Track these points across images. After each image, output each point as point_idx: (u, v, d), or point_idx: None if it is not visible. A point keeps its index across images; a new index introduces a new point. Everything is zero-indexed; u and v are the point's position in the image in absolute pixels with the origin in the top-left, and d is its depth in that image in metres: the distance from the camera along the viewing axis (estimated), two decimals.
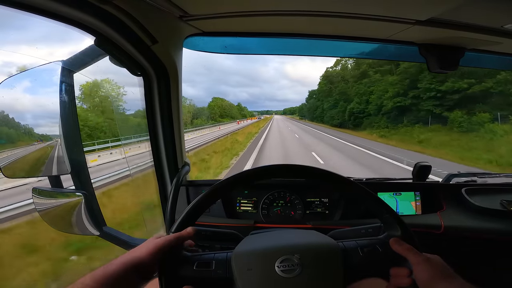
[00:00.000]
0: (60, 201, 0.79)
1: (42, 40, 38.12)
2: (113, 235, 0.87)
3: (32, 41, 31.59)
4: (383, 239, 0.60)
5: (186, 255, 0.56)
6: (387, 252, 0.56)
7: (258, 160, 9.53)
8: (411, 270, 0.52)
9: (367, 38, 0.97)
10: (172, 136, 1.01)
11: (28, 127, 0.78)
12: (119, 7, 0.61)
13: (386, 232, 0.60)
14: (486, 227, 1.02)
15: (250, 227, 1.08)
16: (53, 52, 37.14)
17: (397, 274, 0.54)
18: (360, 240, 0.60)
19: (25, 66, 1.24)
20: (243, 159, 9.97)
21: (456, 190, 1.14)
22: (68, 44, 32.10)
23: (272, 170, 0.59)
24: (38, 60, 0.79)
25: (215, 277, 0.53)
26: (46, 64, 0.75)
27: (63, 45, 36.23)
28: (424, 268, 0.49)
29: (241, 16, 0.80)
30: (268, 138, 18.35)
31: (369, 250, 0.57)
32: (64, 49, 46.08)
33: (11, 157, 0.76)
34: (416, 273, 0.50)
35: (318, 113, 41.34)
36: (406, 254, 0.53)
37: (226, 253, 0.57)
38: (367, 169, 7.78)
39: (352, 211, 1.11)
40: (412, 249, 0.53)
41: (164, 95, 0.93)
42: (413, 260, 0.51)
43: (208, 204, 0.58)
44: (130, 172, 1.81)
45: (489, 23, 0.79)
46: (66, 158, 0.73)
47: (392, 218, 0.58)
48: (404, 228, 0.57)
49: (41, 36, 34.69)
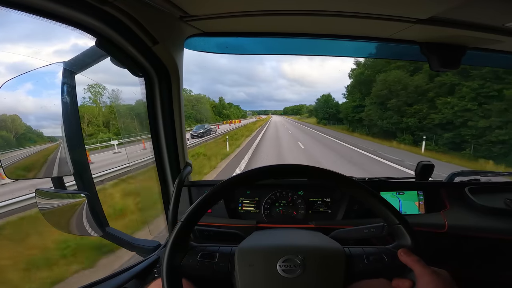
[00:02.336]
0: (63, 202, 0.80)
1: (26, 39, 37.58)
2: (116, 236, 0.87)
3: (15, 39, 30.97)
4: (391, 248, 0.58)
5: (192, 244, 0.57)
6: (393, 262, 0.55)
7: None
8: (414, 282, 0.51)
9: (368, 37, 0.97)
10: (174, 136, 1.01)
11: (39, 130, 0.79)
12: (119, 8, 0.61)
13: (396, 241, 0.58)
14: (490, 226, 1.01)
15: (252, 227, 1.08)
16: (39, 52, 36.82)
17: (397, 285, 0.53)
18: (367, 247, 0.59)
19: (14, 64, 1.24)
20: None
21: (459, 189, 1.13)
22: (52, 42, 31.58)
23: (277, 170, 0.58)
24: (25, 59, 0.79)
25: (216, 269, 0.54)
26: (47, 65, 0.76)
27: (48, 44, 35.92)
28: (429, 280, 0.48)
29: (242, 16, 0.80)
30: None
31: (375, 259, 0.56)
32: (49, 48, 45.23)
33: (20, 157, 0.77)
34: (420, 286, 0.49)
35: (351, 117, 26.59)
36: (413, 265, 0.51)
37: (231, 247, 0.57)
38: None
39: (355, 211, 1.11)
40: (419, 261, 0.51)
41: (165, 96, 0.93)
42: (419, 272, 0.50)
43: (210, 204, 0.58)
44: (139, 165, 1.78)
45: (491, 22, 0.79)
46: (68, 159, 0.74)
47: (404, 228, 0.56)
48: (415, 239, 0.55)
49: (25, 35, 34.13)
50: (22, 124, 0.76)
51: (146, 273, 0.82)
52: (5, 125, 0.76)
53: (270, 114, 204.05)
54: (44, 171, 0.77)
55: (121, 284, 0.75)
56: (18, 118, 0.75)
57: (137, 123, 1.04)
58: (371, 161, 9.35)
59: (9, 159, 0.75)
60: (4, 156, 0.75)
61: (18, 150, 0.78)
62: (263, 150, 11.85)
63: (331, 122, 42.01)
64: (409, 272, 0.52)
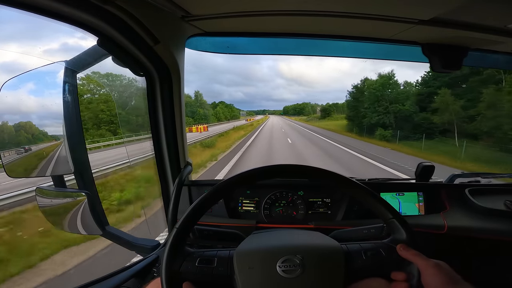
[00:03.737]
0: (64, 200, 0.80)
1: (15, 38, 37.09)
2: (116, 235, 0.87)
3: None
4: (387, 243, 0.59)
5: (188, 250, 0.57)
6: (391, 256, 0.56)
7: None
8: (413, 274, 0.52)
9: (371, 38, 0.97)
10: (175, 136, 1.01)
11: (44, 130, 0.80)
12: (121, 7, 0.62)
13: (391, 235, 0.60)
14: (490, 228, 1.01)
15: (252, 227, 1.08)
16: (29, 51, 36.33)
17: (396, 278, 0.54)
18: (364, 243, 0.60)
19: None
20: None
21: (459, 190, 1.13)
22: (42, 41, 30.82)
23: (275, 171, 0.59)
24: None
25: (216, 274, 0.54)
26: (49, 64, 0.76)
27: (38, 42, 35.33)
28: (434, 273, 0.49)
29: (244, 16, 0.80)
30: None
31: (373, 254, 0.57)
32: (38, 48, 44.42)
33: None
34: (425, 278, 0.50)
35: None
36: (415, 260, 0.53)
37: (228, 251, 0.57)
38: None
39: (355, 211, 1.11)
40: (420, 255, 0.53)
41: (166, 95, 0.93)
42: (422, 265, 0.51)
43: (210, 204, 0.58)
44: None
45: (493, 23, 0.78)
46: (69, 158, 0.74)
47: (398, 222, 0.57)
48: (410, 232, 0.56)
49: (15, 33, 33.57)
50: (36, 128, 0.78)
51: (146, 272, 0.83)
52: (26, 130, 0.78)
53: (267, 114, 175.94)
54: (47, 169, 0.77)
55: (120, 283, 0.75)
56: (33, 124, 0.78)
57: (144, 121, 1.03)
58: None
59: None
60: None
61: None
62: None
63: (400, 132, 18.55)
64: (407, 265, 0.54)
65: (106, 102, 15.19)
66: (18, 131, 0.77)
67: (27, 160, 0.81)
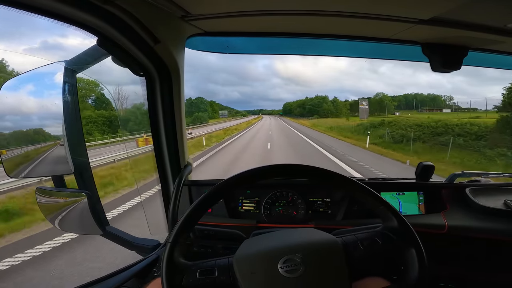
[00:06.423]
0: (64, 200, 0.80)
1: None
2: (116, 235, 0.87)
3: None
4: (380, 230, 0.61)
5: (186, 264, 0.55)
6: (387, 243, 0.57)
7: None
8: (412, 261, 0.54)
9: (370, 37, 0.97)
10: (175, 136, 1.01)
11: (46, 131, 0.81)
12: (121, 7, 0.61)
13: (383, 224, 0.61)
14: (490, 227, 1.01)
15: (252, 227, 1.08)
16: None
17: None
18: (358, 233, 0.61)
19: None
20: None
21: (460, 190, 1.13)
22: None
23: (275, 170, 0.59)
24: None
25: (219, 283, 0.53)
26: (48, 64, 0.76)
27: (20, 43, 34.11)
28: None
29: (244, 16, 0.80)
30: None
31: (369, 244, 0.58)
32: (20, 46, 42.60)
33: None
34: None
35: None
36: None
37: (227, 259, 0.56)
38: None
39: (355, 211, 1.11)
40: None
41: (166, 95, 0.93)
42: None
43: (210, 204, 0.58)
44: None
45: (493, 22, 0.78)
46: (69, 158, 0.74)
47: (386, 209, 0.59)
48: (399, 218, 0.58)
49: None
50: (46, 133, 0.80)
51: (146, 272, 0.82)
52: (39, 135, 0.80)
53: (260, 114, 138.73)
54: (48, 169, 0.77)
55: (120, 283, 0.75)
56: (43, 129, 0.81)
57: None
58: None
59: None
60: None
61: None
62: None
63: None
64: (405, 252, 0.56)
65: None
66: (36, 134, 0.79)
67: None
